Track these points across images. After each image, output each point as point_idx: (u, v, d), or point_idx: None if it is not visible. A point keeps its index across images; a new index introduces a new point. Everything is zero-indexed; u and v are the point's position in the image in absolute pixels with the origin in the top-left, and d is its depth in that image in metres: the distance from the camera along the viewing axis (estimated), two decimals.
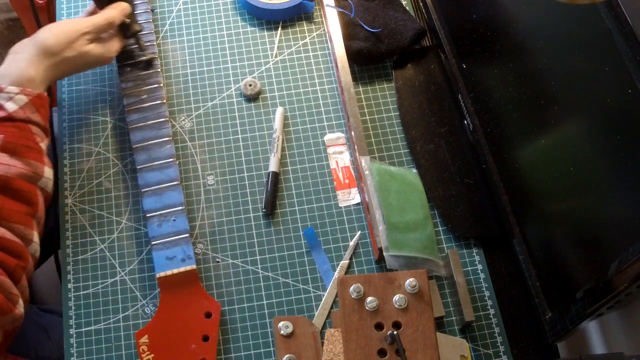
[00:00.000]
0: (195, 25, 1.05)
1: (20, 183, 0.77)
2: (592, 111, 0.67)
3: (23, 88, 0.80)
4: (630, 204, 0.62)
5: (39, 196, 0.79)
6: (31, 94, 0.81)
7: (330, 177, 0.94)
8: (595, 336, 0.89)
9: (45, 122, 0.82)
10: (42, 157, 0.80)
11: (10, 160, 0.77)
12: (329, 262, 0.89)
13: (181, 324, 0.82)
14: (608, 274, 0.66)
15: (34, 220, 0.78)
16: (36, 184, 0.79)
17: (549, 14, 0.72)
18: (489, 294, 0.87)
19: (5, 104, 0.79)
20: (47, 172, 0.80)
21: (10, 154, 0.77)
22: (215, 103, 0.99)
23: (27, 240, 0.77)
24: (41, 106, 0.82)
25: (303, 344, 0.81)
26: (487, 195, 0.91)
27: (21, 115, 0.79)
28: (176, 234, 0.85)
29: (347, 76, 0.97)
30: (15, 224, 0.75)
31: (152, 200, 0.86)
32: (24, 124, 0.79)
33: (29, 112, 0.80)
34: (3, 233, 0.74)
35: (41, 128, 0.82)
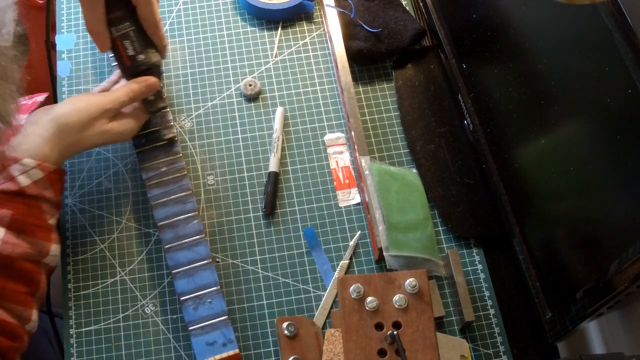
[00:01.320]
0: (195, 25, 1.05)
1: (24, 264, 0.74)
2: (592, 111, 0.67)
3: (40, 162, 0.76)
4: (630, 204, 0.62)
5: (42, 274, 0.77)
6: (48, 169, 0.77)
7: (330, 177, 0.94)
8: (595, 336, 0.89)
9: (58, 197, 0.79)
10: (50, 235, 0.77)
11: (15, 240, 0.74)
12: (329, 262, 0.89)
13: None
14: (608, 274, 0.66)
15: (34, 299, 0.76)
16: (41, 261, 0.76)
17: (549, 14, 0.72)
18: (489, 294, 0.87)
19: (19, 177, 0.75)
20: (53, 249, 0.77)
21: (17, 232, 0.74)
22: (215, 103, 0.99)
23: (25, 320, 0.74)
24: (57, 181, 0.78)
25: (307, 344, 0.81)
26: (487, 195, 0.91)
27: (33, 192, 0.75)
28: (214, 317, 0.80)
29: (347, 76, 0.97)
30: (14, 304, 0.73)
31: (185, 282, 0.81)
32: (35, 201, 0.76)
33: (42, 188, 0.76)
34: (0, 315, 0.72)
35: (53, 204, 0.78)
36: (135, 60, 0.83)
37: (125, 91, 0.83)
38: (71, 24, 1.05)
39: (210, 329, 0.80)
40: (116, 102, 0.82)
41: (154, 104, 0.87)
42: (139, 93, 0.84)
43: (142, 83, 0.84)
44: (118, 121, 0.83)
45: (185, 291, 0.81)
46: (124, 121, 0.84)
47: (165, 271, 0.88)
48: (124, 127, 0.84)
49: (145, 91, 0.84)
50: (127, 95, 0.83)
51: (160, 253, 0.89)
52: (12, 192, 0.74)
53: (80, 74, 1.01)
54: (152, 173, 0.88)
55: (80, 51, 1.03)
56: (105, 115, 0.81)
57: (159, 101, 0.87)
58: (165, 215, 0.85)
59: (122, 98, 0.82)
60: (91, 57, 1.02)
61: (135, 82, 0.84)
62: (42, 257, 0.76)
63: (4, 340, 0.72)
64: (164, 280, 0.87)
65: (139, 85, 0.83)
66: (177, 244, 0.84)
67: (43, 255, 0.76)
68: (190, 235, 0.84)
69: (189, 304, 0.81)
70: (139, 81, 0.84)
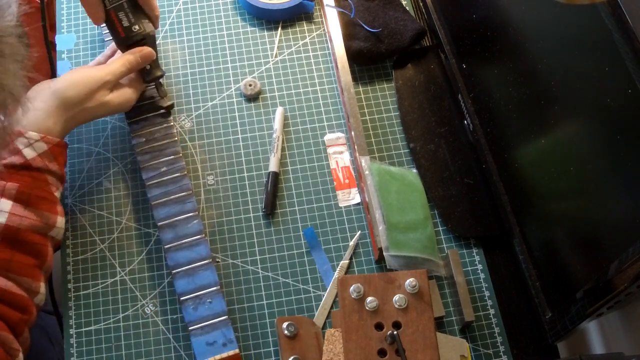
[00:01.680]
0: (195, 25, 1.05)
1: (32, 236, 0.75)
2: (592, 111, 0.67)
3: (44, 135, 0.78)
4: (630, 204, 0.62)
5: (48, 247, 0.78)
6: (51, 141, 0.78)
7: (330, 177, 0.94)
8: (595, 336, 0.89)
9: (62, 170, 0.80)
10: (56, 207, 0.79)
11: (23, 211, 0.75)
12: (329, 262, 0.89)
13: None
14: (608, 274, 0.66)
15: (42, 272, 0.77)
16: (47, 234, 0.78)
17: (549, 14, 0.72)
18: (489, 294, 0.87)
19: (24, 150, 0.76)
20: (59, 222, 0.79)
21: (24, 204, 0.75)
22: (215, 103, 0.99)
23: (33, 292, 0.75)
24: (60, 154, 0.80)
25: (307, 344, 0.81)
26: (487, 195, 0.91)
27: (38, 164, 0.77)
28: (214, 317, 0.80)
29: (347, 76, 0.97)
30: (22, 277, 0.74)
31: (185, 282, 0.82)
32: (40, 174, 0.77)
33: (47, 160, 0.78)
34: (9, 287, 0.73)
35: (57, 177, 0.80)
36: (130, 31, 0.86)
37: (122, 62, 0.85)
38: (71, 24, 1.05)
39: (210, 329, 0.80)
40: (114, 73, 0.84)
41: (151, 73, 0.89)
42: (135, 64, 0.86)
43: (138, 53, 0.86)
44: (117, 92, 0.85)
45: (185, 291, 0.81)
46: (122, 92, 0.86)
47: (165, 271, 0.88)
48: (123, 98, 0.86)
49: (142, 61, 0.86)
50: (124, 66, 0.85)
51: (160, 253, 0.89)
52: (18, 165, 0.76)
53: None
54: (152, 173, 0.88)
55: (80, 51, 1.03)
56: (105, 87, 0.83)
57: (155, 70, 0.89)
58: (165, 215, 0.85)
59: (119, 69, 0.84)
60: (91, 57, 1.02)
61: (130, 53, 0.86)
62: (48, 229, 0.77)
63: (14, 313, 0.73)
64: (164, 280, 0.87)
65: (135, 56, 0.86)
66: (177, 244, 0.84)
67: (50, 228, 0.77)
68: (190, 235, 0.84)
69: (189, 304, 0.81)
70: (134, 52, 0.86)
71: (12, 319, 0.72)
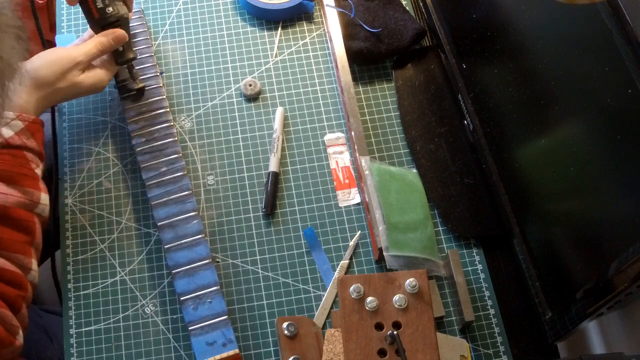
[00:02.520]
0: (195, 25, 1.05)
1: (19, 212, 0.76)
2: (592, 111, 0.67)
3: (19, 113, 0.79)
4: (630, 204, 0.62)
5: (36, 224, 0.78)
6: (27, 119, 0.79)
7: (330, 177, 0.94)
8: (595, 336, 0.89)
9: (40, 147, 0.81)
10: (38, 184, 0.79)
11: (7, 189, 0.76)
12: (329, 262, 0.89)
13: None
14: (608, 274, 0.66)
15: (33, 248, 0.78)
16: (33, 211, 0.78)
17: (549, 14, 0.72)
18: (489, 294, 0.87)
19: (1, 130, 0.77)
20: (43, 198, 0.79)
21: (7, 182, 0.76)
22: (215, 103, 0.99)
23: (26, 269, 0.76)
24: (36, 131, 0.81)
25: (307, 344, 0.81)
26: (487, 195, 0.91)
27: (17, 142, 0.78)
28: (214, 317, 0.80)
29: (347, 76, 0.97)
30: (14, 253, 0.75)
31: (185, 282, 0.82)
32: (19, 151, 0.78)
33: (24, 138, 0.79)
34: (3, 264, 0.73)
35: (36, 154, 0.80)
36: (104, 12, 0.87)
37: (95, 44, 0.86)
38: (71, 24, 1.05)
39: (210, 329, 0.80)
40: (86, 54, 0.85)
41: (123, 55, 0.89)
42: (107, 45, 0.87)
43: (110, 35, 0.87)
44: (89, 73, 0.86)
45: (185, 291, 0.81)
46: (94, 73, 0.87)
47: (165, 271, 0.88)
48: (95, 79, 0.87)
49: (114, 43, 0.87)
50: (96, 47, 0.86)
51: (160, 253, 0.89)
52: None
53: None
54: (152, 173, 0.88)
55: None
56: (77, 68, 0.84)
57: (128, 52, 0.90)
58: (165, 215, 0.85)
59: (92, 50, 0.85)
60: None
61: (103, 34, 0.87)
62: (34, 206, 0.78)
63: (10, 289, 0.73)
64: (164, 280, 0.87)
65: (107, 38, 0.86)
66: (177, 244, 0.84)
67: (35, 204, 0.78)
68: (190, 235, 0.84)
69: (189, 304, 0.81)
70: (107, 34, 0.87)
71: (9, 295, 0.73)
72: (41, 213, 0.79)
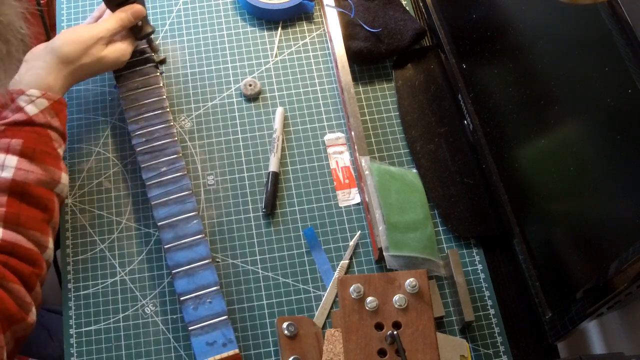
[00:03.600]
0: (195, 25, 1.05)
1: (39, 189, 0.77)
2: (592, 111, 0.67)
3: (45, 92, 0.81)
4: (630, 204, 0.62)
5: (55, 202, 0.79)
6: (52, 98, 0.81)
7: (330, 177, 0.94)
8: (595, 336, 0.89)
9: (63, 127, 0.83)
10: (59, 163, 0.81)
11: (29, 166, 0.77)
12: (329, 262, 0.89)
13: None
14: (608, 274, 0.66)
15: (50, 227, 0.78)
16: (53, 190, 0.79)
17: (549, 14, 0.72)
18: (489, 294, 0.87)
19: (26, 107, 0.79)
20: (63, 178, 0.81)
21: (29, 159, 0.77)
22: (215, 103, 0.99)
23: (42, 247, 0.77)
24: (60, 111, 0.82)
25: (307, 344, 0.81)
26: (487, 195, 0.91)
27: (41, 120, 0.79)
28: (214, 317, 0.80)
29: (347, 76, 0.97)
30: (31, 230, 0.76)
31: (185, 282, 0.81)
32: (43, 129, 0.80)
33: (49, 116, 0.80)
34: (19, 240, 0.74)
35: (59, 133, 0.82)
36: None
37: (116, 19, 0.89)
38: (71, 24, 1.05)
39: (210, 329, 0.80)
40: (108, 30, 0.88)
41: (142, 30, 0.93)
42: (127, 21, 0.90)
43: (129, 11, 0.90)
44: (111, 47, 0.89)
45: (185, 291, 0.81)
46: (117, 47, 0.90)
47: (165, 271, 0.88)
48: (118, 53, 0.90)
49: (133, 18, 0.90)
50: (117, 23, 0.89)
51: (160, 253, 0.89)
52: (21, 122, 0.78)
53: None
54: (152, 173, 0.88)
55: None
56: (100, 43, 0.87)
57: (146, 27, 0.93)
58: (165, 215, 0.85)
59: (113, 26, 0.88)
60: None
61: (122, 11, 0.90)
62: (54, 184, 0.79)
63: (25, 266, 0.74)
64: (164, 280, 0.87)
65: (127, 14, 0.90)
66: (177, 244, 0.84)
67: (55, 183, 0.79)
68: (190, 235, 0.84)
69: (189, 304, 0.81)
70: (125, 10, 0.90)
71: (23, 272, 0.74)
72: (60, 193, 0.81)
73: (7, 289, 0.72)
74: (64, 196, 0.82)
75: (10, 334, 0.72)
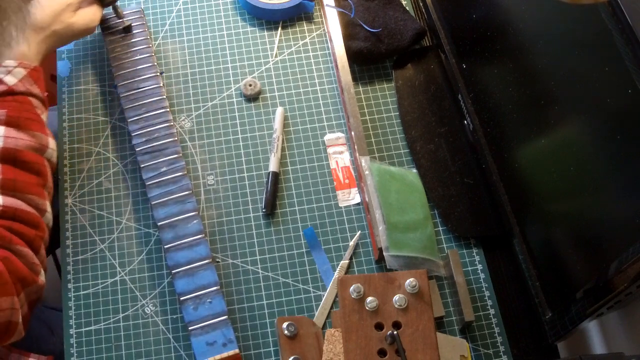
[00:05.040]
0: (195, 25, 1.05)
1: (30, 155, 0.78)
2: (592, 111, 0.67)
3: (21, 61, 0.82)
4: (630, 204, 0.62)
5: (47, 167, 0.81)
6: (28, 66, 0.83)
7: (330, 177, 0.94)
8: (595, 336, 0.89)
9: (43, 94, 0.84)
10: (45, 129, 0.82)
11: (17, 133, 0.78)
12: (329, 262, 0.89)
13: None
14: (608, 274, 0.66)
15: (45, 191, 0.80)
16: (43, 155, 0.80)
17: (549, 14, 0.72)
18: (489, 294, 0.87)
19: (5, 78, 0.80)
20: (51, 143, 0.82)
21: (16, 127, 0.79)
22: (215, 103, 0.99)
23: (41, 210, 0.78)
24: (38, 78, 0.83)
25: (307, 344, 0.81)
26: (487, 195, 0.91)
27: (21, 88, 0.81)
28: (214, 317, 0.80)
29: (347, 76, 0.97)
30: (29, 194, 0.77)
31: (185, 282, 0.81)
32: (24, 97, 0.81)
33: (28, 84, 0.82)
34: (20, 205, 0.76)
35: (40, 100, 0.83)
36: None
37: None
38: None
39: (210, 329, 0.80)
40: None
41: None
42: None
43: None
44: (80, 13, 0.91)
45: (185, 291, 0.81)
46: (85, 12, 0.92)
47: (165, 271, 0.88)
48: (87, 19, 0.92)
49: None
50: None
51: (160, 253, 0.89)
52: (2, 92, 0.80)
53: (80, 74, 1.01)
54: (152, 173, 0.88)
55: (80, 51, 1.03)
56: (69, 10, 0.89)
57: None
58: (165, 215, 0.85)
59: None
60: (91, 57, 1.02)
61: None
62: (43, 150, 0.80)
63: (29, 229, 0.75)
64: (164, 280, 0.87)
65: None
66: (177, 244, 0.84)
67: (44, 148, 0.80)
68: (190, 235, 0.84)
69: (189, 304, 0.81)
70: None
71: (28, 235, 0.75)
72: (50, 158, 0.82)
73: (16, 252, 0.73)
74: (54, 162, 0.83)
75: (25, 296, 0.74)
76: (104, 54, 1.02)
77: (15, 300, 0.72)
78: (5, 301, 0.70)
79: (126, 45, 0.97)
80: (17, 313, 0.72)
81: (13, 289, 0.71)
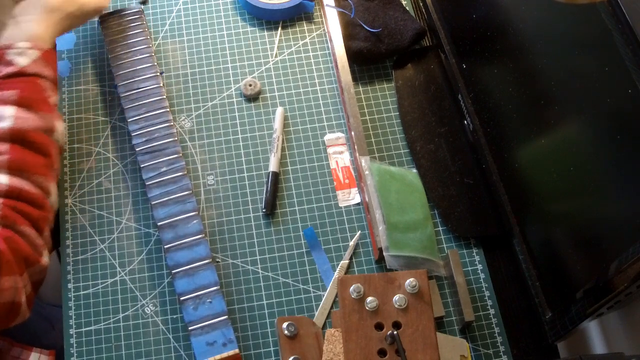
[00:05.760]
0: (195, 25, 1.05)
1: (38, 136, 0.79)
2: (592, 111, 0.67)
3: (34, 43, 0.82)
4: (630, 204, 0.62)
5: (55, 149, 0.81)
6: (42, 48, 0.83)
7: (330, 177, 0.94)
8: (595, 336, 0.89)
9: (55, 76, 0.84)
10: (54, 111, 0.83)
11: (26, 114, 0.79)
12: (329, 262, 0.89)
13: None
14: (608, 274, 0.66)
15: (52, 172, 0.80)
16: (51, 137, 0.81)
17: (549, 14, 0.72)
18: (489, 294, 0.87)
19: (17, 59, 0.81)
20: (59, 125, 0.82)
21: (26, 108, 0.79)
22: (215, 103, 0.99)
23: (46, 191, 0.78)
24: (51, 60, 0.84)
25: (307, 344, 0.81)
26: (487, 195, 0.91)
27: (33, 70, 0.81)
28: (214, 317, 0.80)
29: (347, 76, 0.97)
30: (36, 175, 0.77)
31: (185, 282, 0.82)
32: (36, 78, 0.82)
33: (41, 66, 0.82)
34: (26, 185, 0.76)
35: (51, 81, 0.84)
36: None
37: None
38: None
39: (210, 329, 0.80)
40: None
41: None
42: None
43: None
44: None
45: (185, 291, 0.81)
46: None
47: (165, 271, 0.88)
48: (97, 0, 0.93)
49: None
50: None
51: (160, 253, 0.89)
52: (13, 73, 0.80)
53: (80, 74, 1.01)
54: (152, 173, 0.88)
55: (80, 51, 1.03)
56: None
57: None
58: (165, 215, 0.85)
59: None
60: (91, 57, 1.02)
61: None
62: (51, 132, 0.81)
63: (33, 210, 0.76)
64: (164, 280, 0.87)
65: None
66: (177, 244, 0.84)
67: (52, 130, 0.81)
68: (190, 235, 0.84)
69: (189, 304, 0.81)
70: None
71: (32, 215, 0.75)
72: (58, 141, 0.82)
73: (19, 232, 0.74)
74: (61, 145, 0.83)
75: (28, 276, 0.74)
76: (104, 54, 1.02)
77: (18, 280, 0.72)
78: (7, 280, 0.71)
79: (126, 45, 0.97)
80: (21, 293, 0.72)
81: (16, 268, 0.72)
